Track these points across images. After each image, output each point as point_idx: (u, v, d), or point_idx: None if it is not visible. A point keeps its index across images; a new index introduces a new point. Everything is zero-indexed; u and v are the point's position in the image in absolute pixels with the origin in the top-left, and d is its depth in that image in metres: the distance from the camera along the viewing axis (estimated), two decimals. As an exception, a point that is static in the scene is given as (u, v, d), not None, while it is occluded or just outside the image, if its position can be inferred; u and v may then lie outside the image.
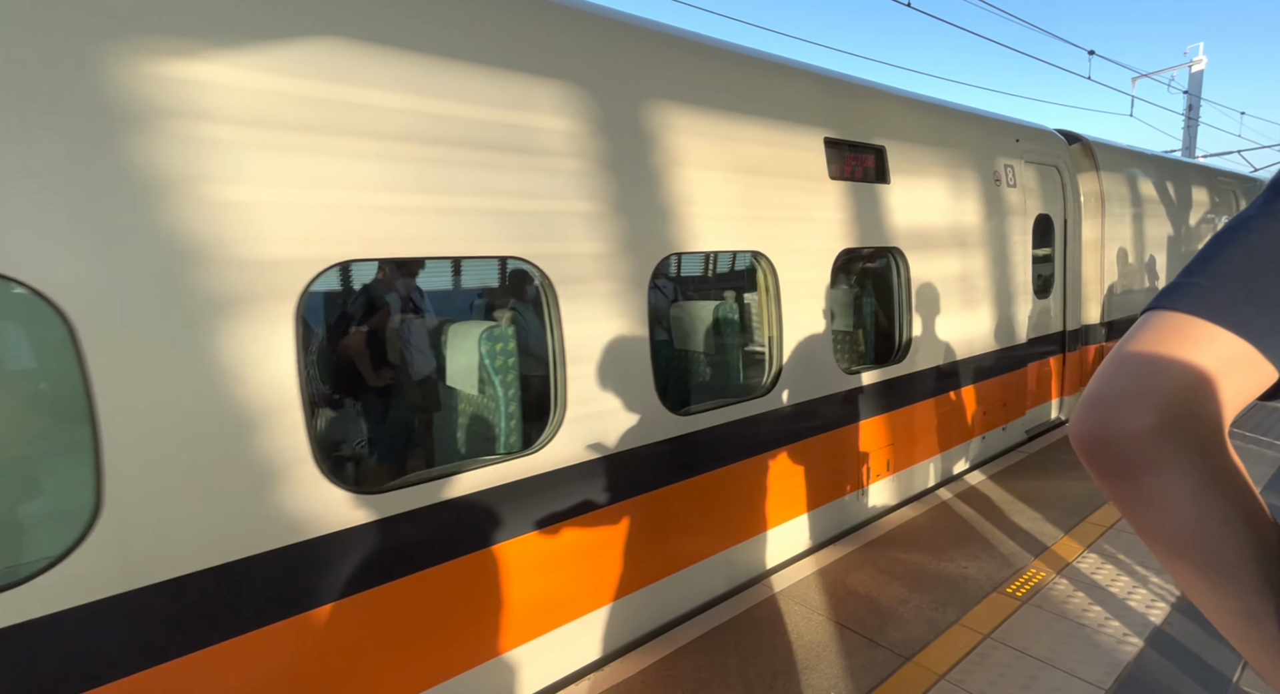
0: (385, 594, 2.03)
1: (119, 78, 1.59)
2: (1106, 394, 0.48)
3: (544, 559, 2.41)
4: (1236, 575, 0.46)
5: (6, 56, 1.46)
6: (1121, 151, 6.58)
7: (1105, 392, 0.48)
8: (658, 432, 2.73)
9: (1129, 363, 0.48)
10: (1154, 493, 0.46)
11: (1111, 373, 0.48)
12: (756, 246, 3.08)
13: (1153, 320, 0.49)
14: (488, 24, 2.25)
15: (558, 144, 2.38)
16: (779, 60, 3.42)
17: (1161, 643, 2.60)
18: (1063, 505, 4.00)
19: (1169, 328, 0.47)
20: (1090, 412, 0.48)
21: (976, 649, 2.61)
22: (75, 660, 1.54)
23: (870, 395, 3.80)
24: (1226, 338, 0.45)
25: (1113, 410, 0.47)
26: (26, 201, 1.48)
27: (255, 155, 1.77)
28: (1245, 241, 0.48)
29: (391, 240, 2.01)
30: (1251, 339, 0.45)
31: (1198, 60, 16.25)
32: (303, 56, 1.86)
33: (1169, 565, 0.49)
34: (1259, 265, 0.46)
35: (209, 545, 1.72)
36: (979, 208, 4.50)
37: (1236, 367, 0.46)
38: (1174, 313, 0.48)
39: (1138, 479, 0.46)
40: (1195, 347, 0.46)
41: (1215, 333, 0.46)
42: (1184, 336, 0.46)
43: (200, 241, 1.69)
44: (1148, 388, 0.46)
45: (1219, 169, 9.60)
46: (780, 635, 2.75)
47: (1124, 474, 0.47)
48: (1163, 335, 0.47)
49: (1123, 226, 6.37)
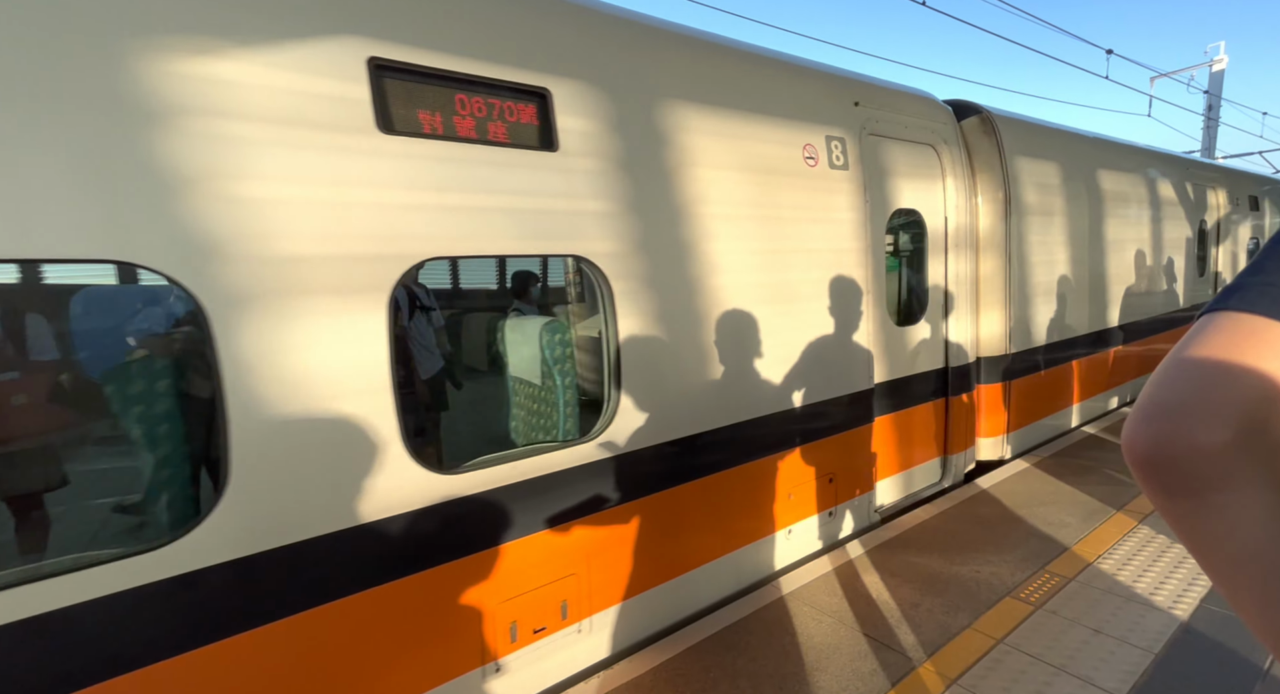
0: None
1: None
2: (1172, 403, 0.44)
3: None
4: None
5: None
6: (1040, 129, 5.07)
7: (1170, 400, 0.45)
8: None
9: (1196, 369, 0.44)
10: (1223, 511, 0.43)
11: (1175, 379, 0.45)
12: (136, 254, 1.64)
13: (1218, 322, 0.46)
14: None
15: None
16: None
17: (1180, 651, 2.56)
18: (1077, 509, 3.95)
19: (1239, 331, 0.44)
20: (1153, 423, 0.45)
21: (989, 654, 2.58)
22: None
23: (522, 501, 2.32)
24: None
25: (1181, 422, 0.43)
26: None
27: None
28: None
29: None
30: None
31: (1218, 59, 15.98)
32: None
33: (1226, 585, 0.46)
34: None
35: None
36: (768, 197, 3.03)
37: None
38: (1244, 314, 0.45)
39: (1206, 496, 0.43)
40: (1273, 352, 0.43)
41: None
42: (1259, 341, 0.43)
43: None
44: (1220, 398, 0.43)
45: (1196, 160, 7.79)
46: (790, 637, 2.73)
47: (1191, 491, 0.44)
48: (1232, 339, 0.44)
49: (1041, 227, 4.82)
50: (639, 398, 2.61)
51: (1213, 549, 0.45)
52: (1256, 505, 0.42)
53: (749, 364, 3.02)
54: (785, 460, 3.25)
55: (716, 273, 2.85)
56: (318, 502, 1.90)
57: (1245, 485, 0.42)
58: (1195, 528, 0.45)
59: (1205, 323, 0.47)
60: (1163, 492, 0.45)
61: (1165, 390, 0.45)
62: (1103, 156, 5.71)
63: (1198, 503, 0.44)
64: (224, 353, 1.73)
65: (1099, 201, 5.53)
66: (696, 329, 2.80)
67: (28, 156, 1.49)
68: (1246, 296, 0.46)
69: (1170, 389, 0.45)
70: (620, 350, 2.54)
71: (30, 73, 1.49)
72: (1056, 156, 5.08)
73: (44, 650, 1.53)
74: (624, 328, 2.55)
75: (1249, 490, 0.42)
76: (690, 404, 2.80)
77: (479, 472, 2.23)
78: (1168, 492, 0.45)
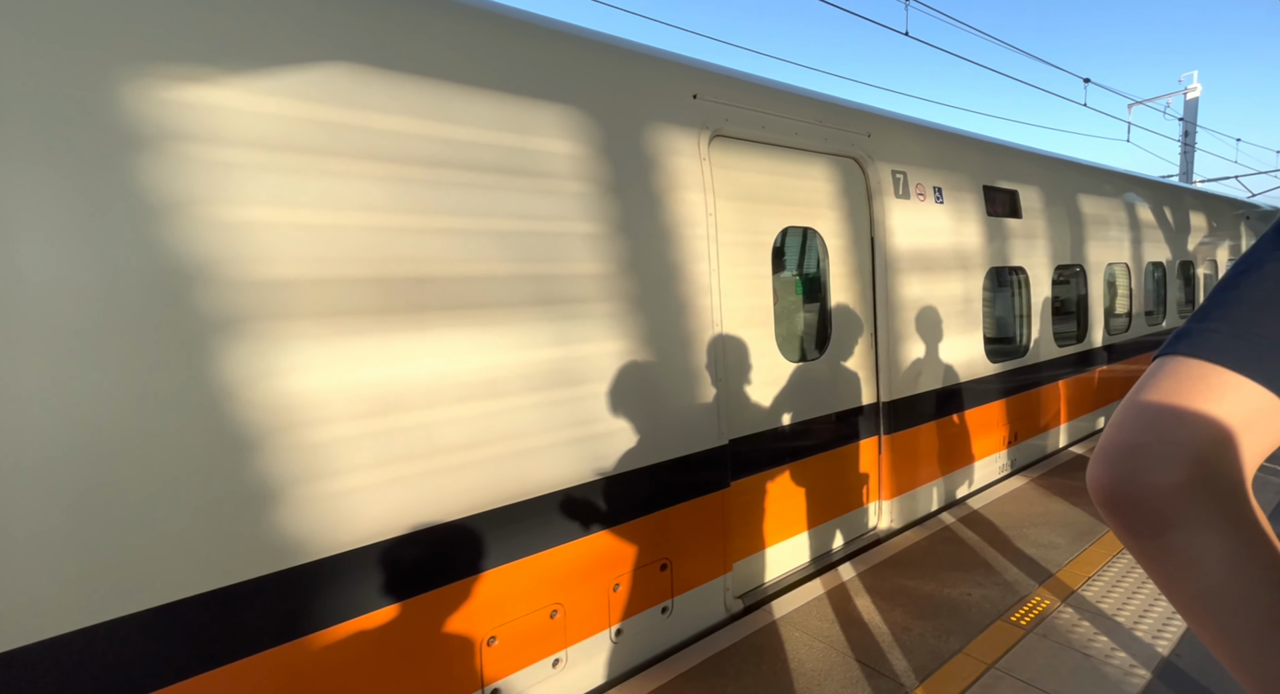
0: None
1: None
2: (1130, 445, 0.46)
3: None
4: (1270, 634, 0.44)
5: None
6: (921, 130, 4.26)
7: (1128, 442, 0.46)
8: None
9: (1151, 411, 0.46)
10: (1183, 550, 0.44)
11: (1132, 421, 0.47)
12: None
13: (1169, 366, 0.48)
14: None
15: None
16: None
17: (1169, 675, 2.55)
18: (1067, 530, 3.96)
19: (1190, 376, 0.46)
20: (1114, 465, 0.46)
21: (980, 679, 2.57)
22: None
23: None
24: (1251, 388, 0.44)
25: (1139, 463, 0.45)
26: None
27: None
28: (1262, 288, 0.47)
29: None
30: (1277, 390, 0.44)
31: (1192, 88, 16.50)
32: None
33: (1196, 623, 0.47)
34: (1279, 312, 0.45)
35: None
36: (544, 206, 2.37)
37: (1261, 418, 0.45)
38: (1191, 360, 0.47)
39: (1166, 536, 0.44)
40: (1220, 397, 0.45)
41: (1240, 383, 0.45)
42: (1207, 386, 0.45)
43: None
44: (1173, 439, 0.44)
45: (1118, 172, 6.57)
46: (781, 663, 2.70)
47: (1151, 531, 0.45)
48: (1183, 384, 0.46)
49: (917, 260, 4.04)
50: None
51: (1177, 588, 0.46)
52: (1213, 545, 0.44)
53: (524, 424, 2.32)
54: (598, 543, 2.55)
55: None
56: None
57: (1202, 525, 0.44)
58: (1159, 567, 0.46)
59: (1158, 367, 0.48)
60: (1127, 531, 0.46)
61: (1124, 432, 0.47)
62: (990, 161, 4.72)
63: (1161, 543, 0.45)
64: None
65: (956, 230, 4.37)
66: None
67: None
68: (1194, 342, 0.48)
69: (1128, 431, 0.46)
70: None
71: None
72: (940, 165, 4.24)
73: None
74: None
75: (1206, 530, 0.44)
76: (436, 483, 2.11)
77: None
78: (1131, 531, 0.46)
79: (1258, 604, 0.44)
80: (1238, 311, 0.47)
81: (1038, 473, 5.05)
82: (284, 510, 1.83)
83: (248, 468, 1.77)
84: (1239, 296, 0.48)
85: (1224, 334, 0.47)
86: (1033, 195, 5.13)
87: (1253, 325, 0.46)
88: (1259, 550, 0.45)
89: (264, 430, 1.80)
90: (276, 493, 1.82)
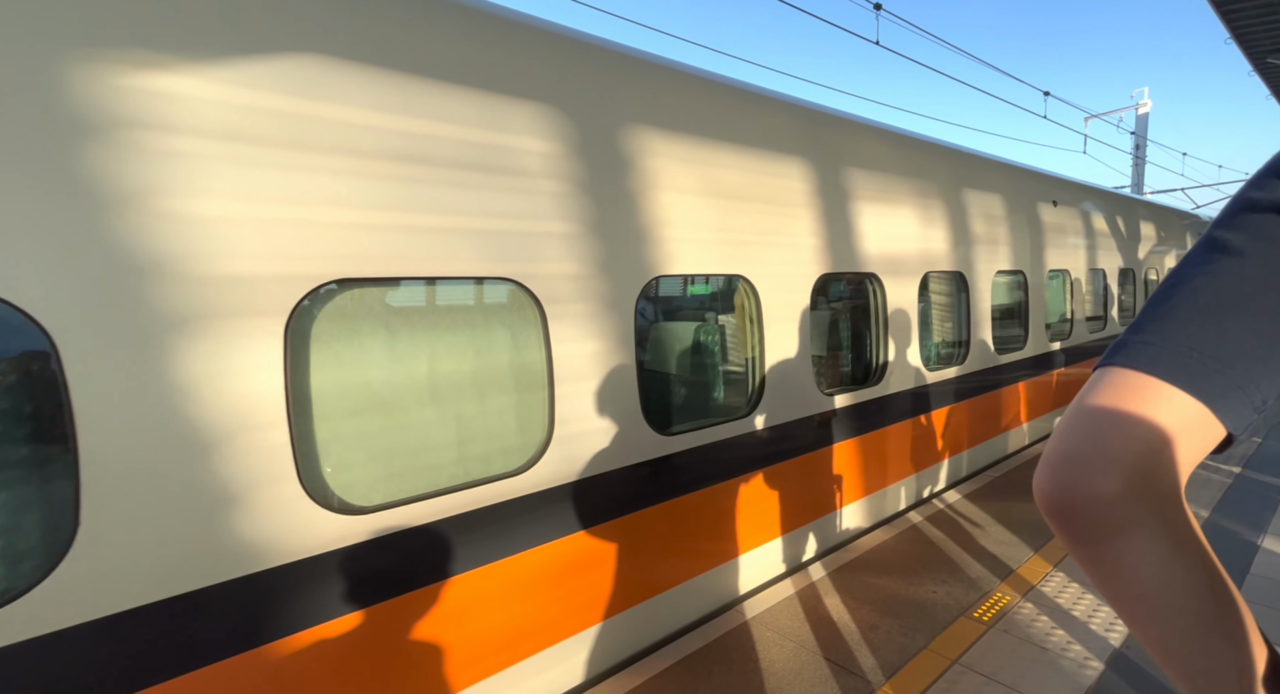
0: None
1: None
2: (1071, 454, 0.47)
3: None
4: (1203, 636, 0.46)
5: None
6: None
7: (1069, 452, 0.47)
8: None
9: (1090, 420, 0.48)
10: (1122, 557, 0.46)
11: (1073, 429, 0.48)
12: None
13: (1107, 377, 0.49)
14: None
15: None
16: None
17: (1121, 666, 2.66)
18: (1028, 527, 4.10)
19: (1126, 386, 0.47)
20: (1057, 473, 0.47)
21: (945, 675, 2.64)
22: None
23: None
24: (1182, 399, 0.46)
25: (1079, 471, 0.46)
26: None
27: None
28: (1191, 300, 0.48)
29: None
30: (1206, 400, 0.46)
31: (1143, 103, 17.26)
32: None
33: (1134, 626, 0.48)
34: (1208, 325, 0.47)
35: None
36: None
37: (1192, 427, 0.46)
38: (1128, 371, 0.48)
39: (1105, 543, 0.46)
40: (1154, 408, 0.46)
41: (1172, 394, 0.46)
42: (1143, 397, 0.46)
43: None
44: (1111, 449, 0.45)
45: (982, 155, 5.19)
46: (752, 663, 2.74)
47: (1092, 538, 0.46)
48: (1119, 394, 0.47)
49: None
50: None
51: (1116, 592, 0.48)
52: (1150, 552, 0.45)
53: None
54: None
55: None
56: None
57: (1139, 532, 0.45)
58: (1099, 571, 0.47)
59: (1097, 377, 0.50)
60: (1069, 538, 0.48)
61: (1065, 442, 0.48)
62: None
63: (1101, 549, 0.46)
64: None
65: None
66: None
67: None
68: (1129, 353, 0.49)
69: (1069, 441, 0.48)
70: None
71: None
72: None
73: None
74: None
75: (1142, 537, 0.45)
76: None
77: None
78: (1073, 538, 0.47)
79: (1189, 608, 0.46)
80: (1170, 325, 0.49)
81: (998, 473, 5.21)
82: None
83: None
84: (1171, 310, 0.49)
85: (1157, 346, 0.48)
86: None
87: (1184, 337, 0.48)
88: (1192, 557, 0.47)
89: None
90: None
